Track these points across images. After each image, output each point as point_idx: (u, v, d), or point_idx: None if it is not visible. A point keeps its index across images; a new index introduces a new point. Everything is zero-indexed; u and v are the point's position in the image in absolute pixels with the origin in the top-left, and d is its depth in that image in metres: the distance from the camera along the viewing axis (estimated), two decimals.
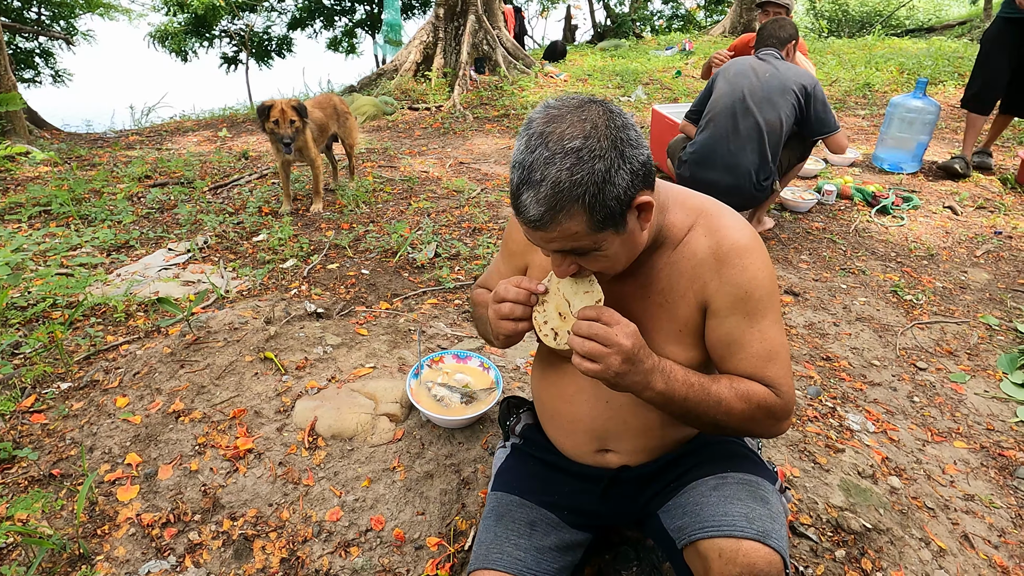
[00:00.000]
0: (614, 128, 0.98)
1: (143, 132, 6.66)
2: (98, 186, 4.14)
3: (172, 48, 12.91)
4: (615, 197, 0.97)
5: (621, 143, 0.97)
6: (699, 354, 1.19)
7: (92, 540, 1.54)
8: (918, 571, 1.60)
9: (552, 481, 1.36)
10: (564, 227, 0.98)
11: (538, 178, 0.95)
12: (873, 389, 2.39)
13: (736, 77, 3.17)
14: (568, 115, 0.98)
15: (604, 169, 0.95)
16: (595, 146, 0.95)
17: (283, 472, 1.69)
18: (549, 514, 1.31)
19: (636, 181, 1.00)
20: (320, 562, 1.50)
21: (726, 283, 1.12)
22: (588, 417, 1.29)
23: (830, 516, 1.70)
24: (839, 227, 3.83)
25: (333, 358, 2.11)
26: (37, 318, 2.49)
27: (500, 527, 1.27)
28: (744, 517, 1.10)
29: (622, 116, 1.01)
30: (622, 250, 1.07)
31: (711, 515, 1.13)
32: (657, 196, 1.11)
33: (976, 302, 3.06)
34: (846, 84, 7.66)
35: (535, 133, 0.98)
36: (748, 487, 1.17)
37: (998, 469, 2.04)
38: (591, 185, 0.95)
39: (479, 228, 3.62)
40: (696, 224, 1.16)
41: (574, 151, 0.95)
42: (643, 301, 1.19)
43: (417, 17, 14.81)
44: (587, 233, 1.00)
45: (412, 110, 7.11)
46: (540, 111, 1.01)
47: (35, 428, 1.89)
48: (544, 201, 0.96)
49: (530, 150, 0.97)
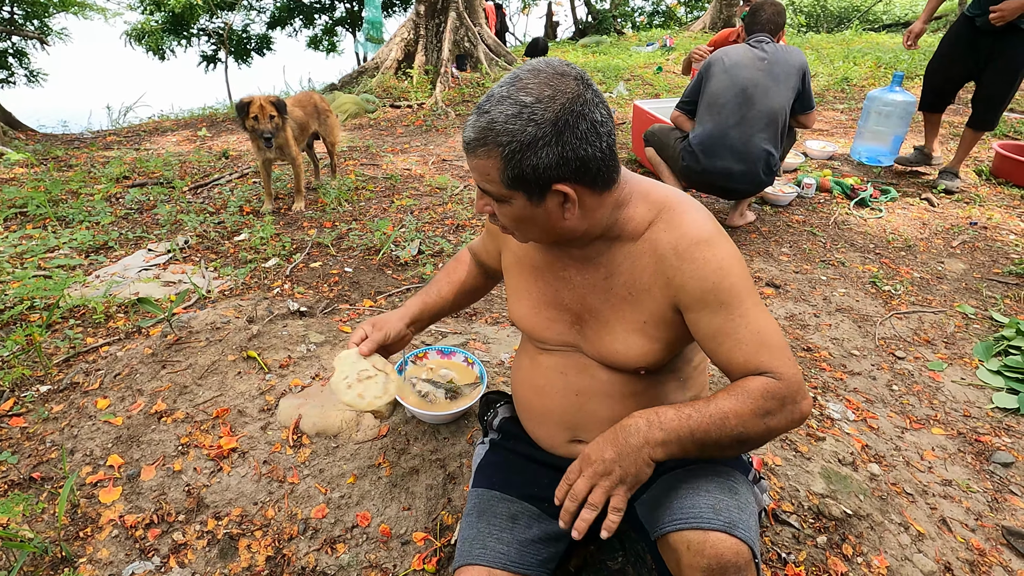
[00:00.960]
0: (569, 111, 1.00)
1: (121, 132, 6.57)
2: (75, 187, 4.09)
3: (149, 47, 12.74)
4: (532, 167, 1.01)
5: (564, 125, 1.00)
6: (663, 347, 1.19)
7: (75, 542, 1.52)
8: (898, 555, 1.63)
9: (531, 473, 1.37)
10: (481, 162, 1.04)
11: (486, 107, 1.03)
12: (853, 378, 2.42)
13: (735, 67, 3.21)
14: (544, 74, 1.02)
15: (533, 136, 0.99)
16: (538, 111, 0.99)
17: (268, 470, 1.69)
18: (530, 507, 1.32)
19: (563, 168, 1.02)
20: (306, 559, 1.50)
21: (690, 278, 1.11)
22: (559, 409, 1.30)
23: (811, 503, 1.72)
24: (819, 220, 3.88)
25: (317, 356, 2.10)
26: (14, 321, 2.45)
27: (482, 523, 1.28)
28: (711, 508, 1.10)
29: (592, 108, 1.02)
30: (533, 222, 1.10)
31: (679, 507, 1.13)
32: (619, 190, 1.13)
33: (953, 292, 3.11)
34: (825, 79, 7.74)
35: (514, 75, 1.04)
36: (717, 478, 1.17)
37: (975, 454, 2.08)
38: (514, 142, 1.00)
39: (462, 225, 3.62)
40: (658, 218, 1.15)
41: (521, 104, 1.00)
42: (608, 292, 1.20)
43: (398, 14, 14.76)
44: (498, 180, 1.04)
45: (394, 108, 7.08)
46: (534, 61, 1.07)
47: (14, 431, 1.87)
48: (476, 129, 1.03)
49: (500, 85, 1.04)
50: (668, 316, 1.16)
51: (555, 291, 1.26)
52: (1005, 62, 3.85)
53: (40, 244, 3.14)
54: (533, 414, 1.37)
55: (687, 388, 1.35)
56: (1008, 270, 3.29)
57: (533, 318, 1.30)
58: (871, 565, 1.59)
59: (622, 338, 1.19)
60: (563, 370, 1.29)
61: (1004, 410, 2.30)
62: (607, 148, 1.05)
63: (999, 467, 2.03)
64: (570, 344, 1.28)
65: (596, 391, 1.26)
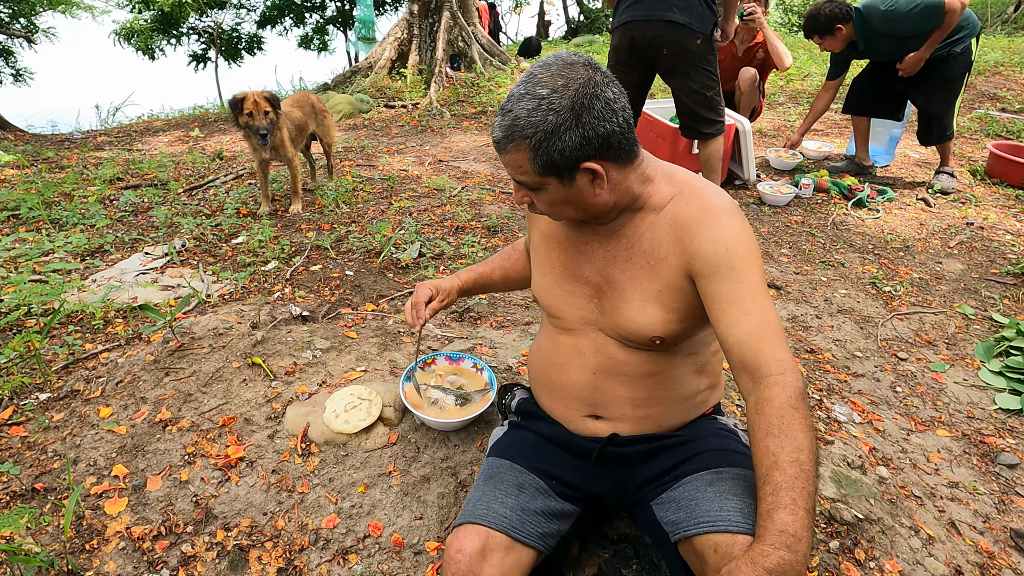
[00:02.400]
0: (583, 95, 1.08)
1: (111, 132, 6.50)
2: (68, 189, 4.03)
3: (138, 46, 12.59)
4: (558, 151, 1.09)
5: (581, 108, 1.08)
6: (677, 318, 1.23)
7: (81, 555, 1.50)
8: (909, 559, 1.63)
9: (545, 451, 1.40)
10: (513, 156, 1.13)
11: (508, 107, 1.11)
12: (857, 380, 2.43)
13: None
14: (555, 67, 1.11)
15: (555, 123, 1.07)
16: (555, 100, 1.07)
17: (276, 480, 1.67)
18: (538, 480, 1.34)
19: (586, 147, 1.09)
20: (318, 571, 1.48)
21: (705, 241, 1.16)
22: (578, 386, 1.36)
23: (823, 508, 1.72)
24: (817, 220, 3.89)
25: (323, 362, 2.08)
26: (11, 327, 2.41)
27: (488, 487, 1.32)
28: (739, 512, 1.11)
29: (603, 88, 1.10)
30: (568, 202, 1.18)
31: (706, 511, 1.14)
32: (643, 167, 1.22)
33: (952, 292, 3.13)
34: (818, 79, 7.77)
35: (529, 73, 1.13)
36: (743, 482, 1.19)
37: (980, 456, 2.09)
38: (539, 131, 1.08)
39: (462, 227, 3.60)
40: (680, 193, 1.23)
41: (540, 97, 1.08)
42: (628, 262, 1.26)
43: (390, 14, 14.66)
44: (530, 171, 1.13)
45: (388, 108, 7.04)
46: (545, 58, 1.14)
47: (14, 441, 1.83)
48: (503, 128, 1.11)
49: (518, 84, 1.12)
50: (682, 284, 1.21)
51: (577, 264, 1.33)
52: (932, 85, 3.93)
53: (34, 248, 3.09)
54: (552, 390, 1.42)
55: (704, 374, 1.38)
56: (1006, 270, 3.31)
57: (554, 291, 1.37)
58: (884, 570, 1.59)
59: (638, 307, 1.24)
60: (581, 349, 1.35)
61: (1007, 411, 2.31)
62: (624, 122, 1.12)
63: (1005, 468, 2.04)
64: (588, 321, 1.33)
65: (613, 370, 1.32)
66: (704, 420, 1.42)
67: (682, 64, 3.26)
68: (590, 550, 1.55)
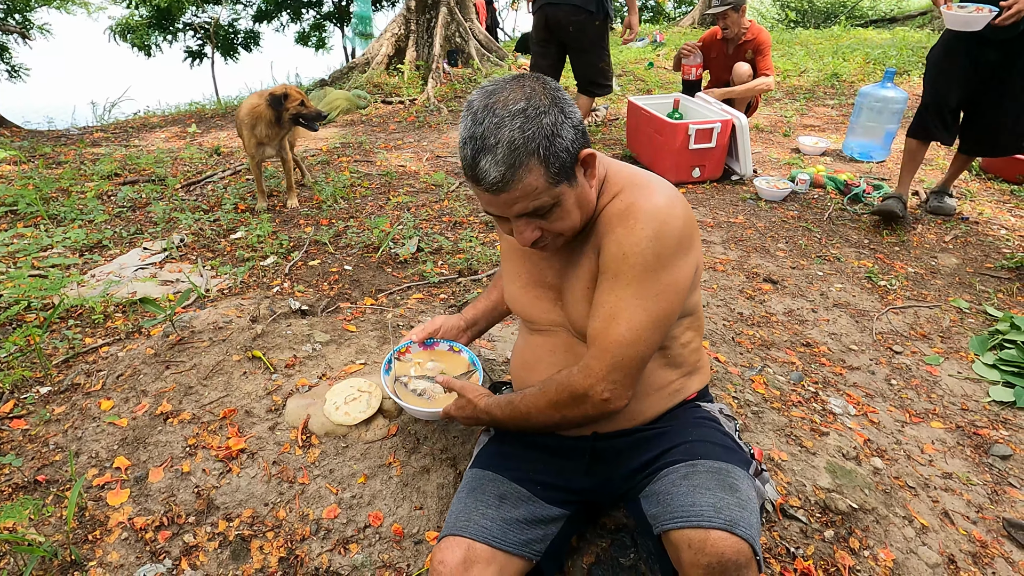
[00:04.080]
0: (551, 89, 1.10)
1: (108, 128, 6.49)
2: (66, 185, 4.03)
3: (134, 42, 12.54)
4: (564, 148, 1.08)
5: (560, 101, 1.10)
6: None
7: (84, 546, 1.51)
8: (903, 548, 1.66)
9: (527, 458, 1.41)
10: (525, 183, 1.07)
11: (492, 142, 1.04)
12: (852, 373, 2.45)
13: None
14: (505, 86, 1.09)
15: (551, 123, 1.06)
16: (538, 103, 1.06)
17: (277, 471, 1.68)
18: (520, 488, 1.35)
19: (578, 136, 1.11)
20: (319, 560, 1.50)
21: (612, 242, 1.18)
22: None
23: (818, 498, 1.75)
24: (813, 215, 3.91)
25: (323, 355, 2.09)
26: (11, 321, 2.42)
27: (470, 499, 1.33)
28: (712, 507, 1.11)
29: (555, 83, 1.13)
30: (578, 205, 1.17)
31: (680, 505, 1.15)
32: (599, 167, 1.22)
33: (947, 286, 3.15)
34: (815, 74, 7.80)
35: (479, 108, 1.07)
36: (717, 475, 1.19)
37: (973, 447, 2.12)
38: (542, 139, 1.05)
39: (460, 222, 3.61)
40: (623, 189, 1.23)
41: (521, 111, 1.05)
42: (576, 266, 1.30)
43: (387, 10, 14.62)
44: (546, 187, 1.09)
45: (386, 104, 7.04)
46: (477, 92, 1.11)
47: (16, 434, 1.84)
48: (503, 161, 1.04)
49: (478, 122, 1.06)
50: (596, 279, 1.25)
51: (540, 271, 1.36)
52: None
53: (33, 243, 3.09)
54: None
55: (674, 366, 1.38)
56: (1000, 264, 3.34)
57: (523, 297, 1.40)
58: (878, 558, 1.61)
59: (582, 306, 1.27)
60: (552, 348, 1.37)
61: (1001, 403, 2.33)
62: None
63: (998, 459, 2.06)
64: (557, 323, 1.36)
65: None
66: (685, 408, 1.42)
67: (583, 40, 4.36)
68: (588, 539, 1.57)
